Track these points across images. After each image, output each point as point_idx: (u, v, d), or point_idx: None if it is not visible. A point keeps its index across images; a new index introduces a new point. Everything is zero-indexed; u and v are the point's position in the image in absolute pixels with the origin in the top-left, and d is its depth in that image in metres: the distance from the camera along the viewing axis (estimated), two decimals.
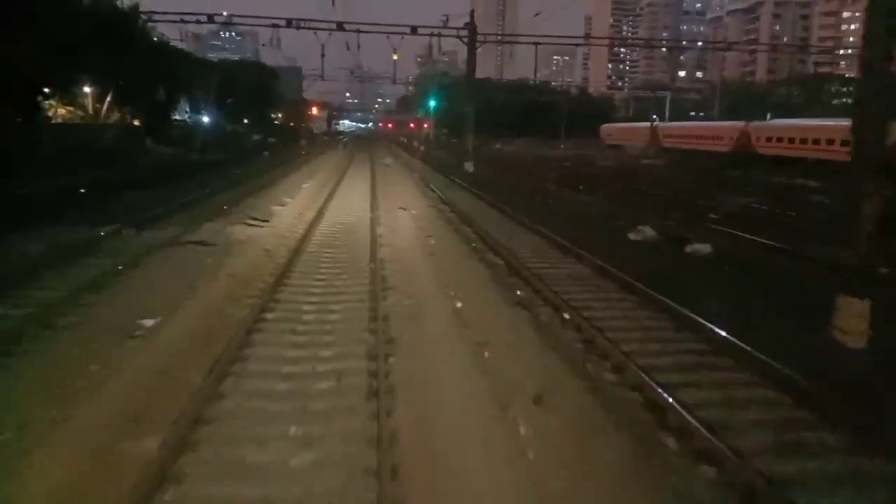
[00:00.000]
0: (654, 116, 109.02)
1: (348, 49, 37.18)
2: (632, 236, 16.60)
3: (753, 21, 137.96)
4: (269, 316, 9.42)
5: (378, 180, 32.03)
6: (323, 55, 37.84)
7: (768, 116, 79.37)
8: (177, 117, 70.73)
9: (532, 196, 27.13)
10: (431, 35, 37.13)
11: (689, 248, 14.21)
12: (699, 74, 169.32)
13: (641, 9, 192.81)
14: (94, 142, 43.21)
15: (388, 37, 37.07)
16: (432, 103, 65.37)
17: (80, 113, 49.11)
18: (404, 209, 20.48)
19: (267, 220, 18.05)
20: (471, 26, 37.39)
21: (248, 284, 10.93)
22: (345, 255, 13.80)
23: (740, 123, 57.70)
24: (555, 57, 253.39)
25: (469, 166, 38.78)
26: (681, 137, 64.62)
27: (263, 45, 33.57)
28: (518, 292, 10.98)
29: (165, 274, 11.53)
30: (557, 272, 12.64)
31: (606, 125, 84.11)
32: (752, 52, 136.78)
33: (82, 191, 25.03)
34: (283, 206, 21.36)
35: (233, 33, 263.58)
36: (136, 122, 51.61)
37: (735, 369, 7.79)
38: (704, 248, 14.00)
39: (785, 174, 39.89)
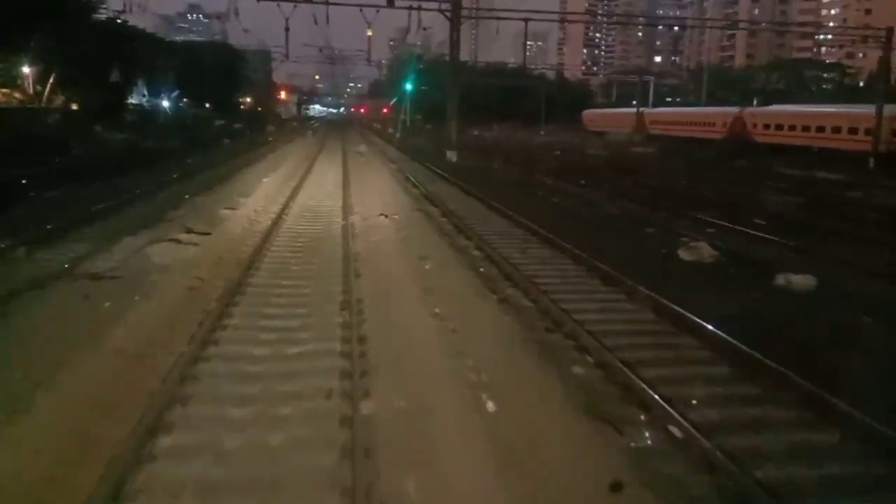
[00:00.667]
0: (634, 102, 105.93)
1: (316, 23, 32.69)
2: (684, 255, 12.70)
3: (732, 5, 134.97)
4: (165, 443, 5.32)
5: (351, 172, 27.84)
6: (287, 30, 33.28)
7: (755, 102, 76.38)
8: (133, 101, 65.50)
9: (532, 192, 23.16)
10: (410, 9, 32.81)
11: (781, 280, 10.31)
12: (675, 59, 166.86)
13: None
14: (33, 128, 38.43)
15: (361, 10, 32.70)
16: (408, 87, 60.90)
17: (17, 95, 44.06)
18: (385, 216, 16.33)
19: (208, 233, 13.83)
20: (455, 0, 33.17)
21: (147, 363, 6.80)
22: (307, 295, 9.69)
23: (734, 109, 54.37)
24: (528, 42, 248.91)
25: (452, 155, 34.69)
26: (669, 124, 61.17)
27: (218, 17, 28.60)
28: (575, 369, 7.01)
29: (22, 342, 7.34)
30: (611, 321, 8.69)
31: (589, 111, 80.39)
32: (732, 37, 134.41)
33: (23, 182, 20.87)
34: (234, 209, 17.12)
35: (200, 15, 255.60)
36: (76, 107, 46.32)
37: None
38: (804, 280, 10.11)
39: (798, 165, 36.36)
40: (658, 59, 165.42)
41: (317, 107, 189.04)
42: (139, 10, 32.58)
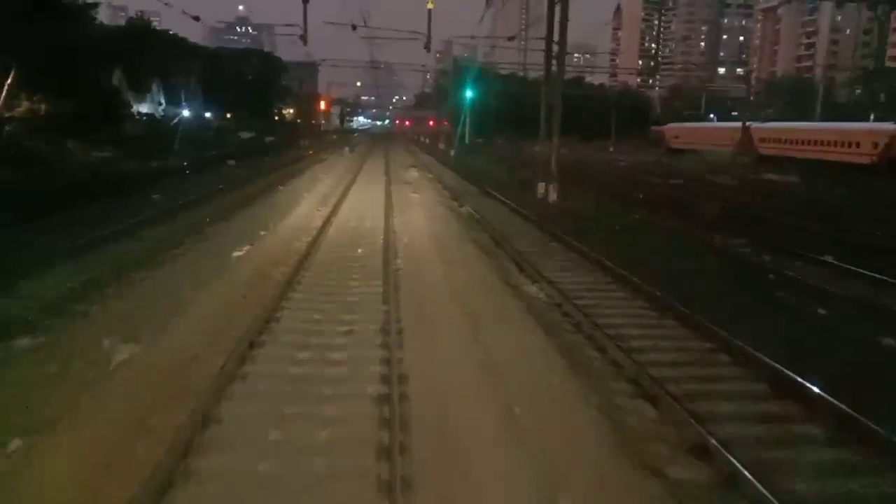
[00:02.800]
0: (712, 116, 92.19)
1: None
2: None
3: (811, 12, 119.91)
4: None
5: (398, 226, 15.74)
6: (306, 2, 21.35)
7: (871, 118, 62.50)
8: (143, 109, 54.65)
9: (796, 303, 10.50)
10: None
11: None
12: (739, 71, 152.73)
13: (674, 1, 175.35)
14: None
15: None
16: (469, 94, 48.75)
17: None
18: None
19: None
20: None
21: None
22: None
23: (890, 126, 40.89)
24: (576, 55, 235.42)
25: (550, 192, 22.37)
26: (789, 143, 47.74)
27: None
28: None
29: None
30: None
31: (673, 125, 66.91)
32: (810, 46, 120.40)
33: None
34: (137, 343, 5.07)
35: (248, 28, 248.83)
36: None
37: None
38: None
39: None
40: (722, 70, 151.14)
41: (361, 119, 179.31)
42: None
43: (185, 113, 59.70)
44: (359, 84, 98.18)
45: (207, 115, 68.00)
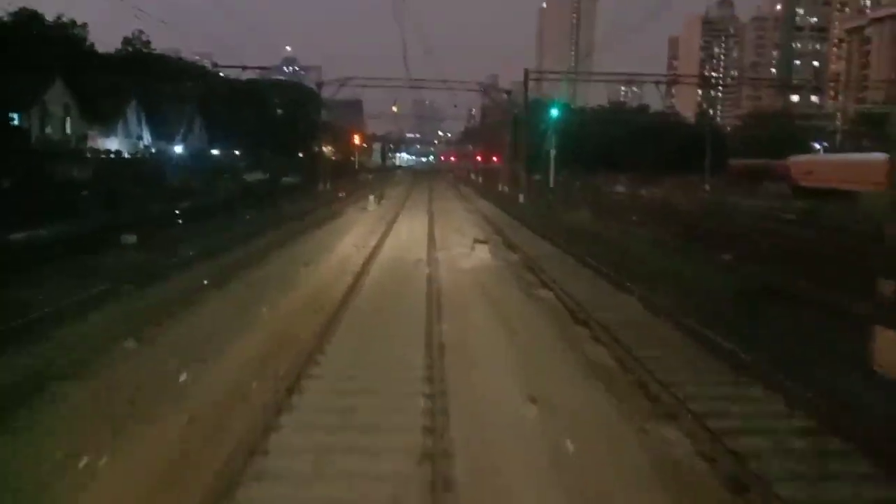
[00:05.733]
0: (818, 147, 74.85)
1: None
2: None
3: None
4: None
5: None
6: None
7: None
8: (112, 146, 40.18)
9: None
10: None
11: None
12: (814, 99, 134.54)
13: (736, 30, 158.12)
14: None
15: None
16: (554, 112, 32.97)
17: None
18: None
19: None
20: None
21: None
22: None
23: None
24: (622, 88, 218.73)
25: None
26: None
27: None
28: None
29: None
30: None
31: (800, 157, 49.77)
32: None
33: None
34: None
35: (295, 67, 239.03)
36: None
37: None
38: None
39: None
40: (796, 98, 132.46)
41: (404, 155, 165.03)
42: None
43: (178, 149, 45.30)
44: (395, 109, 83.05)
45: (215, 152, 53.67)
